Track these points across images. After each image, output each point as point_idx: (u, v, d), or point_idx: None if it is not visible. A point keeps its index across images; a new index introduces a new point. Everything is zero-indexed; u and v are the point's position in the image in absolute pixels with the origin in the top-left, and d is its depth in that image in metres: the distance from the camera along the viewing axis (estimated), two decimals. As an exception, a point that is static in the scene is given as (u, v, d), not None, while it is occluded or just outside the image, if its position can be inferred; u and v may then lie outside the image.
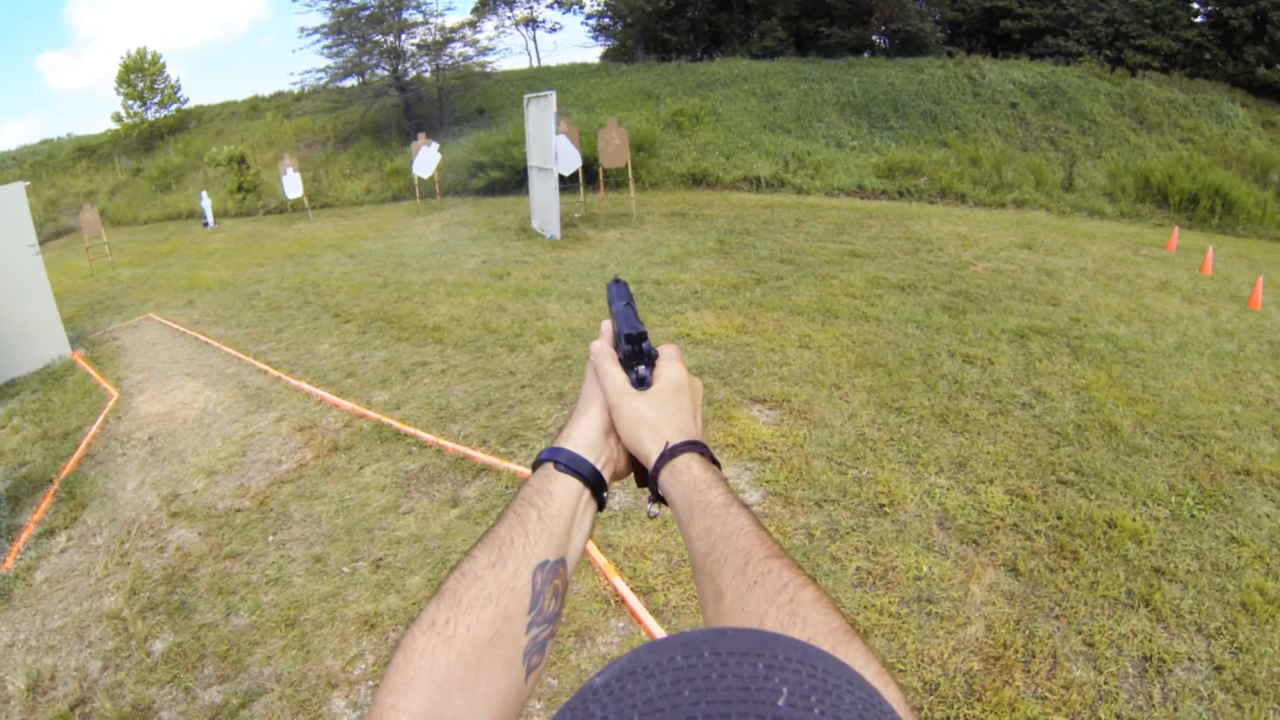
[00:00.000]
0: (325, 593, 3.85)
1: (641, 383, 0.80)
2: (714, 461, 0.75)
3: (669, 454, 0.74)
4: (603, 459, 0.78)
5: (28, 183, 9.80)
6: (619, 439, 0.79)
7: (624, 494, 4.24)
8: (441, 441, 5.10)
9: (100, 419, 6.70)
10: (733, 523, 0.66)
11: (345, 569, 4.01)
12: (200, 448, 5.77)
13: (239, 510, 4.80)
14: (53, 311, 9.39)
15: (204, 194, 21.77)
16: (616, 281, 0.99)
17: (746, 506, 0.69)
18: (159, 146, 30.24)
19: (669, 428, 0.76)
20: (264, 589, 4.00)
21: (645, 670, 0.37)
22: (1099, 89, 20.67)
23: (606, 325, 0.90)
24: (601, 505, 0.78)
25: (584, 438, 0.78)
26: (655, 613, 3.38)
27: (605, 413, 0.79)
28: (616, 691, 0.37)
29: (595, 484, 0.76)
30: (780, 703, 0.34)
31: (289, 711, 3.20)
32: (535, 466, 0.77)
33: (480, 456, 4.85)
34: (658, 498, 0.77)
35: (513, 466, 4.67)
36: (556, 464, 0.75)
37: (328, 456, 5.20)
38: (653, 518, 0.82)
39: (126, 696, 3.55)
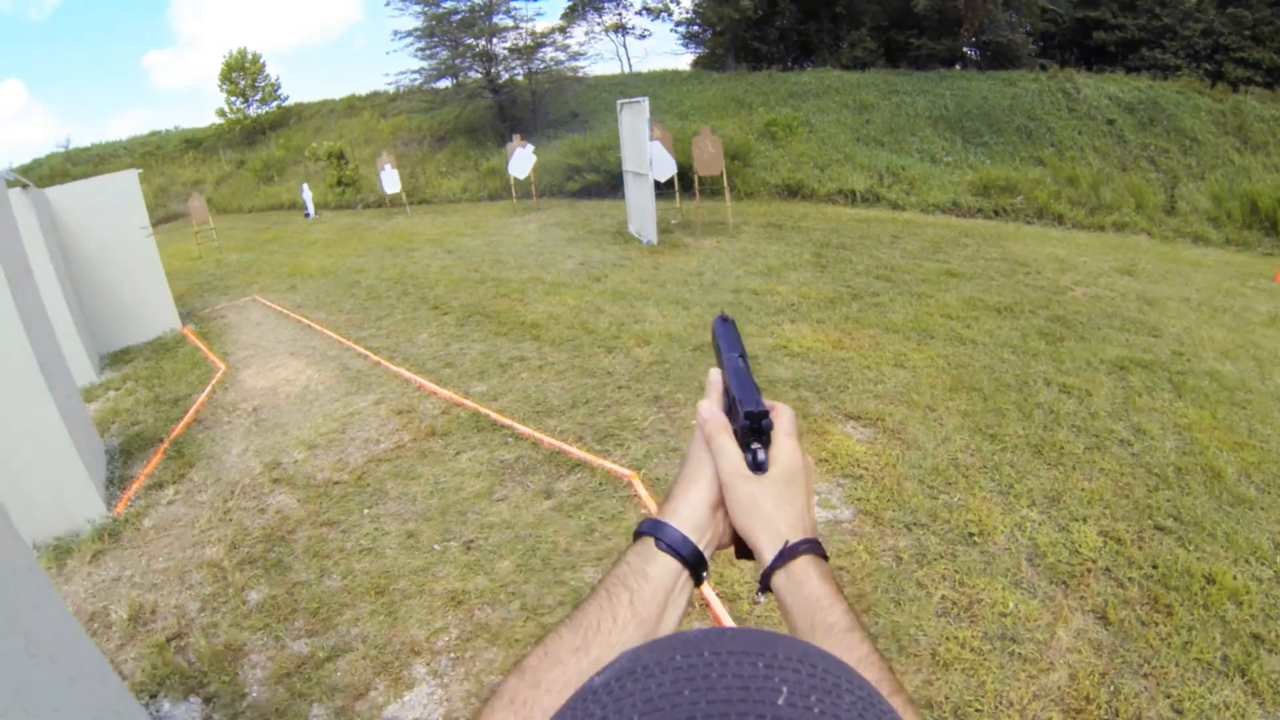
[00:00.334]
0: (416, 567, 4.06)
1: (758, 466, 0.76)
2: (824, 556, 0.74)
3: (787, 555, 0.72)
4: (707, 536, 0.76)
5: (140, 170, 10.61)
6: (726, 513, 0.77)
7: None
8: (538, 435, 5.28)
9: (208, 388, 7.18)
10: (857, 650, 0.66)
11: (436, 546, 4.22)
12: (302, 422, 6.14)
13: (337, 482, 5.09)
14: (164, 288, 10.12)
15: (305, 186, 22.91)
16: (724, 320, 0.91)
17: (866, 630, 0.68)
18: (261, 141, 32.14)
19: (785, 523, 0.74)
20: (357, 557, 4.24)
21: (645, 670, 0.38)
22: (1199, 105, 19.77)
23: (715, 376, 0.86)
24: (699, 583, 0.75)
25: (690, 513, 0.75)
26: (739, 620, 3.42)
27: (715, 486, 0.76)
28: (616, 691, 0.38)
29: (695, 565, 0.74)
30: (780, 702, 0.35)
31: (371, 670, 3.41)
32: (636, 536, 0.76)
33: (576, 452, 5.01)
34: (766, 588, 0.75)
35: (607, 464, 4.81)
36: (658, 541, 0.73)
37: (425, 440, 5.45)
38: (759, 604, 0.83)
39: (220, 636, 3.84)
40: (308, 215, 22.03)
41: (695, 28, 32.37)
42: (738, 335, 0.88)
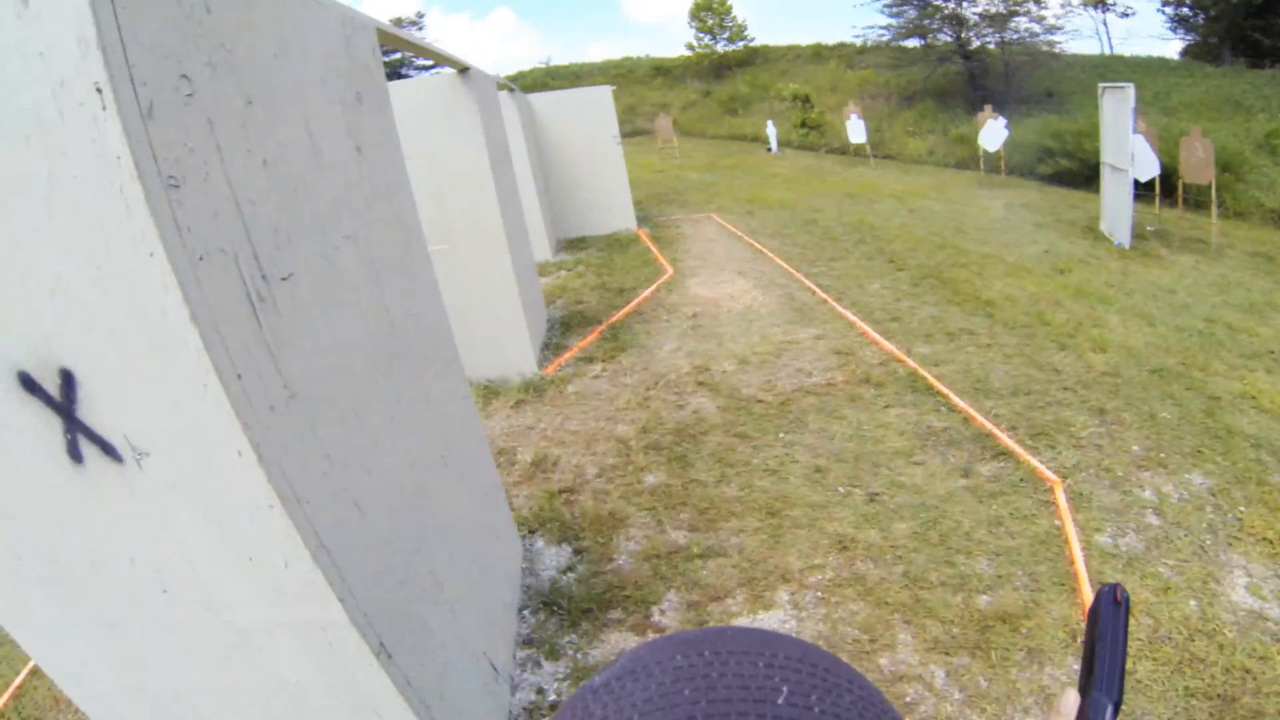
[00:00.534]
0: (814, 501, 4.33)
1: None
2: None
3: None
4: None
5: (613, 88, 12.39)
6: None
7: (1135, 535, 4.03)
8: (971, 411, 5.27)
9: (653, 287, 8.18)
10: None
11: (841, 489, 4.44)
12: (738, 337, 6.77)
13: (760, 401, 5.55)
14: (626, 191, 11.85)
15: (771, 122, 24.25)
16: (1115, 600, 0.67)
17: None
18: (727, 76, 35.30)
19: None
20: (760, 474, 4.62)
21: (645, 669, 0.40)
22: None
23: (1068, 708, 0.64)
24: None
25: None
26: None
27: None
28: (616, 690, 0.39)
29: None
30: (780, 701, 0.36)
31: (736, 580, 3.75)
32: None
33: (1005, 439, 4.93)
34: None
35: (1034, 462, 4.66)
36: None
37: (857, 385, 5.72)
38: None
39: (608, 504, 4.47)
40: (770, 150, 23.45)
41: (1185, 9, 28.74)
42: (1125, 645, 0.65)
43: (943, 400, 5.46)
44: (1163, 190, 12.00)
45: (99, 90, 1.49)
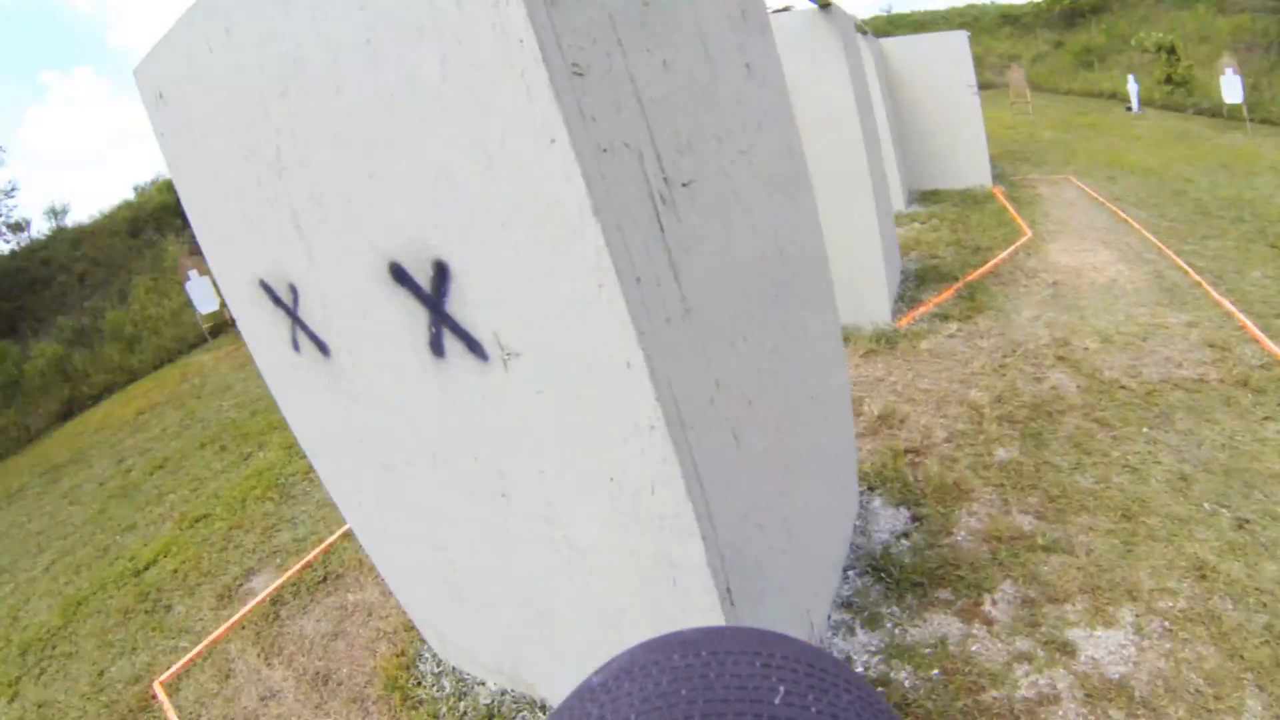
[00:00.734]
0: (1175, 513, 3.55)
1: None
2: None
3: None
4: None
5: (968, 33, 10.64)
6: None
7: None
8: (1372, 440, 4.17)
9: (1011, 249, 7.24)
10: None
11: (1206, 505, 3.61)
12: (1102, 313, 5.79)
13: (1123, 387, 4.70)
14: (982, 145, 10.48)
15: (1132, 78, 20.61)
16: None
17: None
18: (1081, 24, 29.88)
19: None
20: (1118, 470, 3.89)
21: (643, 669, 0.37)
22: None
23: None
24: None
25: None
26: None
27: None
28: (614, 690, 0.36)
29: None
30: (777, 701, 0.33)
31: (1078, 584, 3.12)
32: None
33: None
34: None
35: None
36: None
37: (1233, 387, 4.68)
38: None
39: (954, 473, 3.94)
40: (1130, 109, 20.06)
41: None
42: None
43: (1339, 421, 4.35)
44: None
45: (500, -25, 1.29)
